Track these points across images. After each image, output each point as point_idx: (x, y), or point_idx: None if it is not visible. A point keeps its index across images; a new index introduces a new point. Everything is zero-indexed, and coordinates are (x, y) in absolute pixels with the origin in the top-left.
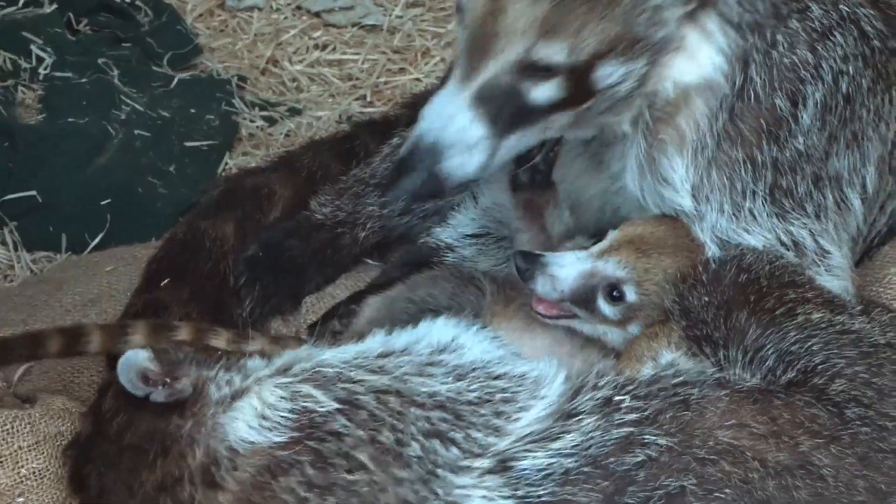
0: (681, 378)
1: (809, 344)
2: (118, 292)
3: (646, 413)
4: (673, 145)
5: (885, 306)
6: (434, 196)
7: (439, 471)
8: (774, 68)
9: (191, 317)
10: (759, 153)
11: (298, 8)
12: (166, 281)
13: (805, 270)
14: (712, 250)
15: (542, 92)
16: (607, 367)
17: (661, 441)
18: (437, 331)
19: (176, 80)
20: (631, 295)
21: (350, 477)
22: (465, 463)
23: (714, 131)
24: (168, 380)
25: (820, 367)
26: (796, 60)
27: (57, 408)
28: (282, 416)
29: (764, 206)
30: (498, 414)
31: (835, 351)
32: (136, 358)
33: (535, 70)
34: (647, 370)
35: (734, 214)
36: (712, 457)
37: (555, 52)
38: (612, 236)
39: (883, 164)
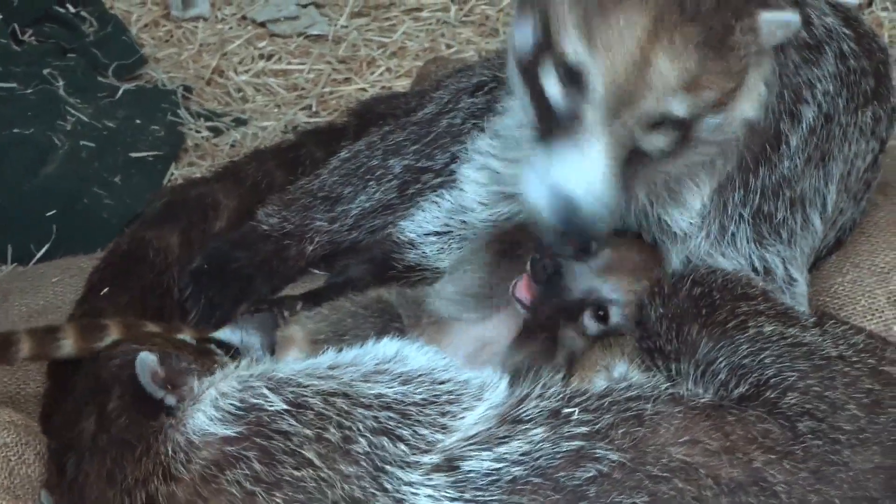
0: (634, 392)
1: (761, 357)
2: (64, 303)
3: (597, 427)
4: (706, 172)
5: (838, 318)
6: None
7: (388, 467)
8: (785, 89)
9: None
10: (752, 178)
11: (243, 18)
12: (105, 290)
13: (761, 284)
14: (675, 267)
15: (657, 142)
16: (554, 378)
17: (613, 456)
18: (382, 346)
19: (121, 90)
20: (615, 317)
21: (297, 473)
22: (414, 458)
23: (728, 157)
24: (169, 385)
25: (772, 380)
26: (801, 81)
27: (3, 420)
28: (232, 405)
29: (746, 231)
30: (444, 413)
31: (787, 364)
32: (148, 359)
33: (651, 124)
34: (599, 381)
35: (718, 238)
36: (665, 474)
37: (679, 106)
38: (607, 255)
39: (842, 182)
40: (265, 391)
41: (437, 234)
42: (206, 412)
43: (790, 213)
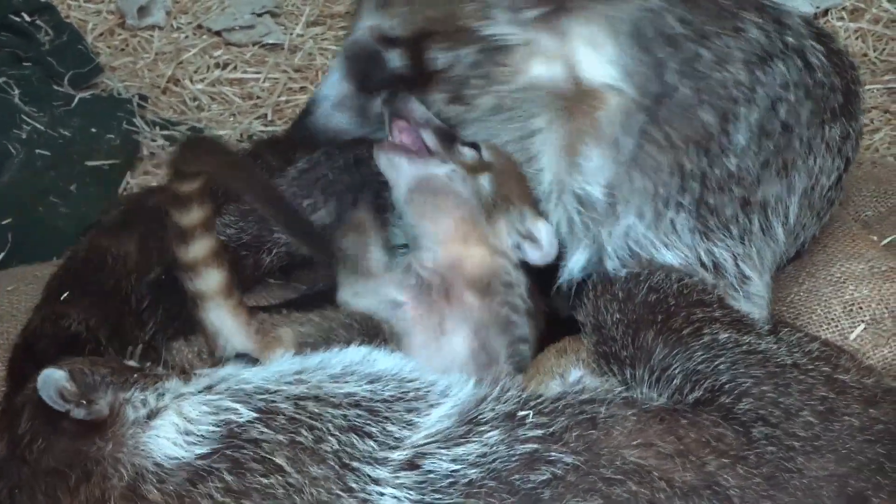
0: (588, 395)
1: (716, 363)
2: (20, 311)
3: (551, 430)
4: (590, 136)
5: (793, 326)
6: (309, 143)
7: (355, 463)
8: (703, 80)
9: (90, 326)
10: (688, 162)
11: (199, 27)
12: (66, 294)
13: (717, 291)
14: (613, 263)
15: (391, 60)
16: (512, 382)
17: (568, 459)
18: (350, 351)
19: (77, 99)
20: (487, 155)
21: (265, 480)
22: (382, 455)
23: (632, 130)
24: (84, 401)
25: (727, 385)
26: (728, 77)
27: None
28: (205, 430)
29: (688, 219)
30: (410, 410)
31: (741, 370)
32: (54, 376)
33: (385, 40)
34: (554, 386)
35: (655, 223)
36: (619, 477)
37: (392, 26)
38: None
39: (805, 197)
40: (233, 405)
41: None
42: (172, 438)
43: (743, 213)
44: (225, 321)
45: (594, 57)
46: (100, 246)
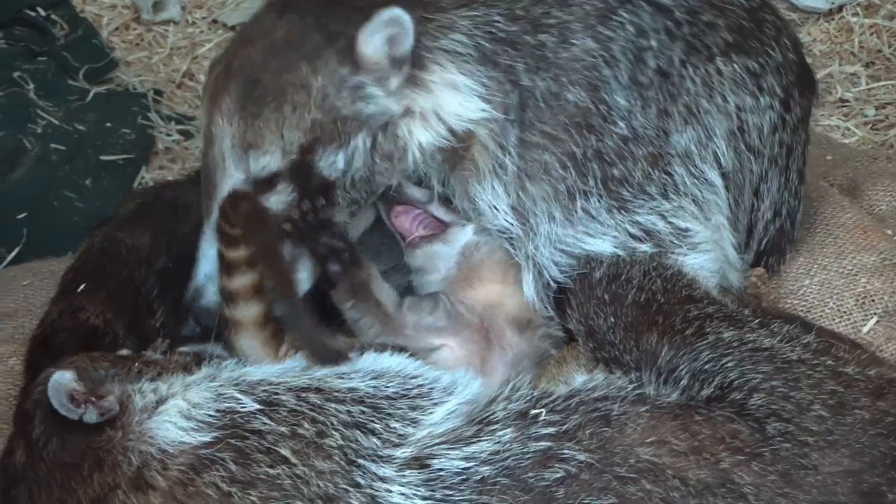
0: (600, 393)
1: (723, 362)
2: (35, 306)
3: (564, 427)
4: (472, 178)
5: (786, 317)
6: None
7: (360, 460)
8: (553, 67)
9: (107, 318)
10: (575, 147)
11: (214, 21)
12: (83, 286)
13: (669, 257)
14: (551, 272)
15: (276, 201)
16: (522, 382)
17: (581, 457)
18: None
19: (92, 93)
20: None
21: (272, 471)
22: (386, 452)
23: (508, 148)
24: (93, 398)
25: (736, 382)
26: (576, 52)
27: None
28: (207, 415)
29: (601, 201)
30: (414, 407)
31: (749, 367)
32: (63, 379)
33: (263, 183)
34: (560, 387)
35: (568, 219)
36: (633, 475)
37: (266, 163)
38: None
39: (735, 139)
40: (237, 394)
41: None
42: (176, 423)
43: (656, 169)
44: (255, 349)
45: (456, 99)
46: (114, 238)
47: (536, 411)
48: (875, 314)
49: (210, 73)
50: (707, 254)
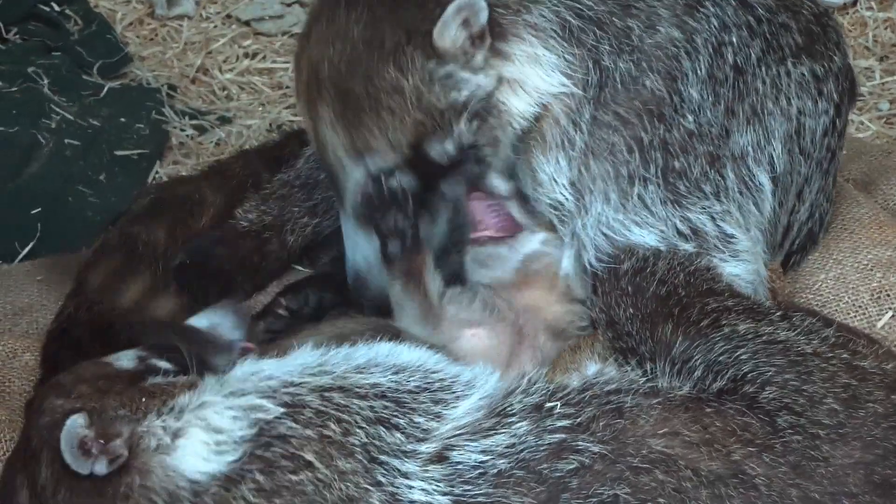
0: (613, 385)
1: (737, 354)
2: (49, 301)
3: (579, 420)
4: (537, 148)
5: (807, 310)
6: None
7: (383, 457)
8: (636, 51)
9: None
10: (644, 134)
11: (228, 16)
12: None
13: (709, 260)
14: (588, 255)
15: (401, 184)
16: (538, 375)
17: (595, 448)
18: (374, 345)
19: (106, 88)
20: None
21: (295, 477)
22: (410, 447)
23: (580, 124)
24: (103, 441)
25: (749, 375)
26: (660, 39)
27: None
28: (237, 436)
29: (657, 191)
30: (437, 401)
31: (763, 360)
32: (75, 426)
33: (382, 177)
34: (574, 380)
35: (622, 203)
36: (645, 465)
37: (382, 161)
38: None
39: (791, 142)
40: (260, 401)
41: None
42: (200, 453)
43: (713, 169)
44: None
45: (537, 71)
46: (130, 233)
47: (551, 404)
48: (890, 309)
49: (296, 71)
50: (746, 264)
